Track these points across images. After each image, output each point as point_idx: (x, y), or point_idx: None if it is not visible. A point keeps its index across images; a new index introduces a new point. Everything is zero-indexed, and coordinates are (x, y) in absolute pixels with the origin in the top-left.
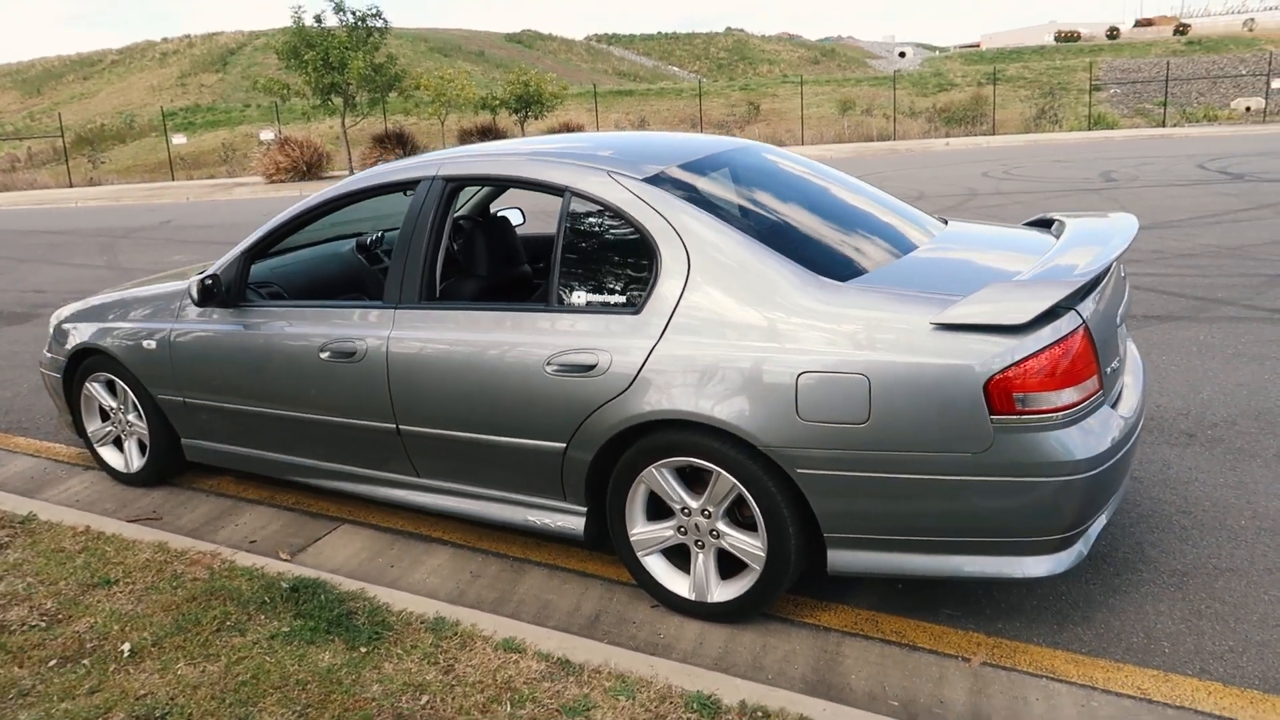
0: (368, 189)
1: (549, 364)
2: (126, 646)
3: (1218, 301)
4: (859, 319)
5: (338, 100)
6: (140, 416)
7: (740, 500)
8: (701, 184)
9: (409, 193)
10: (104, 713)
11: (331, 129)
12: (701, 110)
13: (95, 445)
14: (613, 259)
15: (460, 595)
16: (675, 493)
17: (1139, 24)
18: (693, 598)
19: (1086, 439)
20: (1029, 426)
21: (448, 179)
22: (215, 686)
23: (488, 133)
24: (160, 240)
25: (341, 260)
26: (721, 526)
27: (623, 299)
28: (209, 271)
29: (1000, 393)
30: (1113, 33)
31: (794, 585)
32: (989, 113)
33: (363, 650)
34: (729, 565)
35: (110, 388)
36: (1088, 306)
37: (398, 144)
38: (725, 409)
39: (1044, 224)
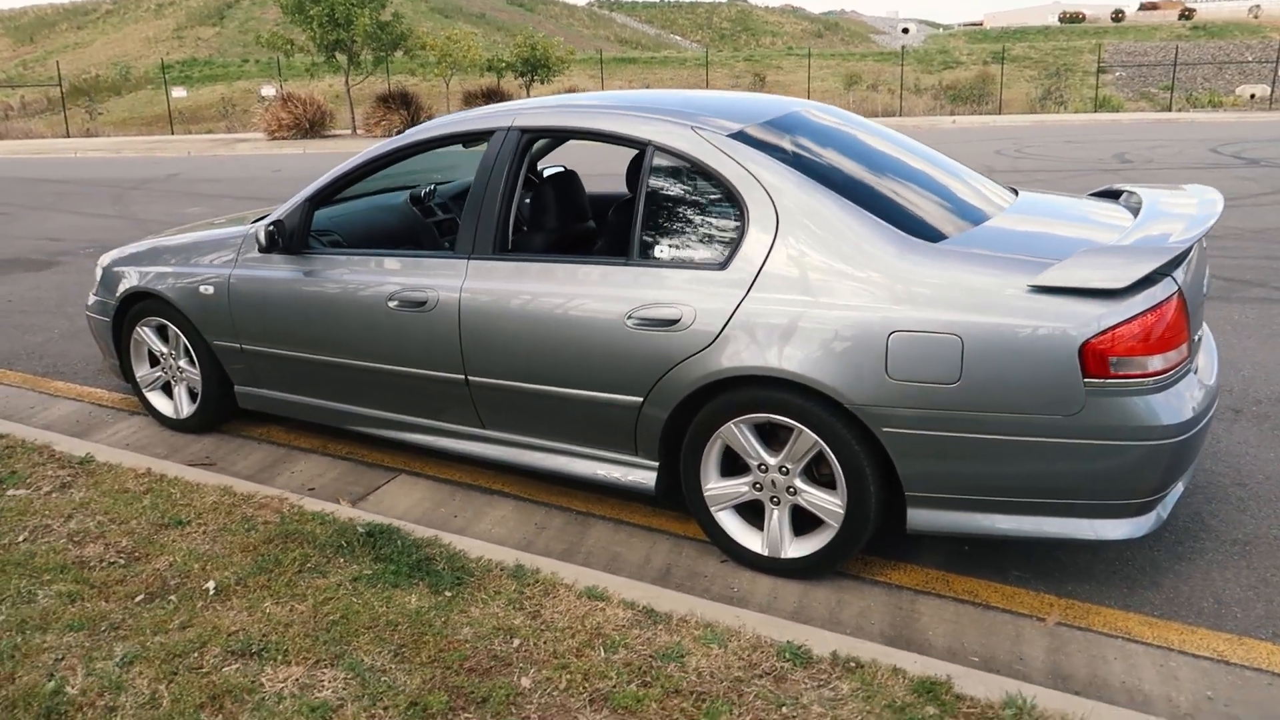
0: (437, 138)
1: (630, 317)
2: (211, 584)
3: (1246, 283)
4: (952, 280)
5: (342, 57)
6: (193, 363)
7: (819, 458)
8: (783, 142)
9: (467, 145)
10: (198, 647)
11: (331, 87)
12: (708, 80)
13: (144, 390)
14: (696, 214)
15: (528, 546)
16: (753, 449)
17: (1143, 7)
18: (766, 553)
19: (1174, 405)
20: (1121, 390)
21: (524, 130)
22: (306, 624)
23: (492, 95)
24: (171, 192)
25: (396, 212)
26: (799, 483)
27: (707, 254)
28: (272, 217)
29: (1095, 356)
30: (1118, 15)
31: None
32: (995, 92)
33: (447, 594)
34: (801, 522)
35: (161, 333)
36: (1181, 275)
37: (401, 104)
38: (812, 366)
39: (1111, 195)
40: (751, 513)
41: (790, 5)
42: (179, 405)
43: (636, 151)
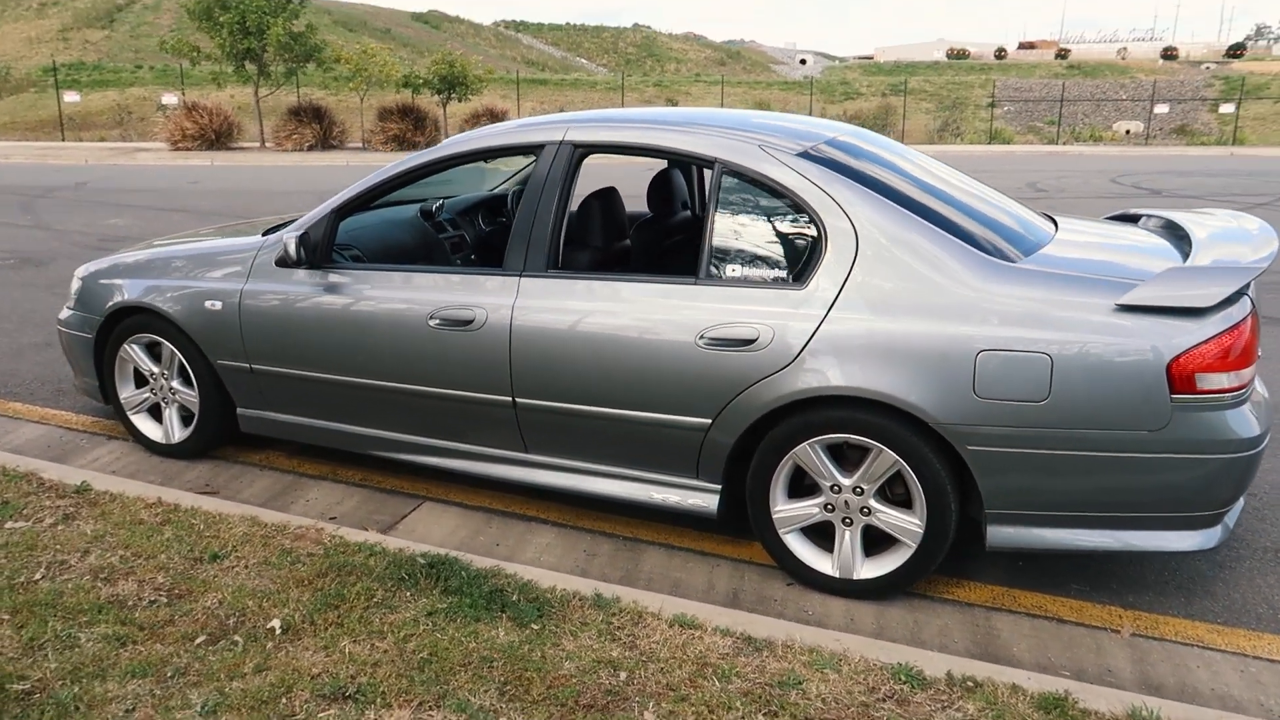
0: (480, 151)
1: (702, 337)
2: (275, 623)
3: None
4: (1039, 299)
5: (251, 67)
6: (189, 383)
7: (894, 477)
8: (850, 162)
9: (489, 161)
10: (284, 692)
11: (234, 97)
12: (624, 104)
13: (129, 413)
14: (769, 232)
15: (584, 574)
16: (827, 470)
17: (1022, 46)
18: (837, 575)
19: (1249, 419)
20: (1204, 406)
21: (576, 144)
22: (395, 663)
23: (408, 113)
24: (85, 202)
25: (408, 226)
26: (873, 503)
27: (783, 273)
28: (296, 229)
29: (1181, 372)
30: (1000, 53)
31: None
32: (896, 123)
33: (534, 627)
34: (868, 543)
35: (152, 351)
36: (1252, 295)
37: (314, 118)
38: (899, 385)
39: (1129, 219)
40: (816, 534)
41: (692, 34)
42: (169, 429)
43: (661, 169)
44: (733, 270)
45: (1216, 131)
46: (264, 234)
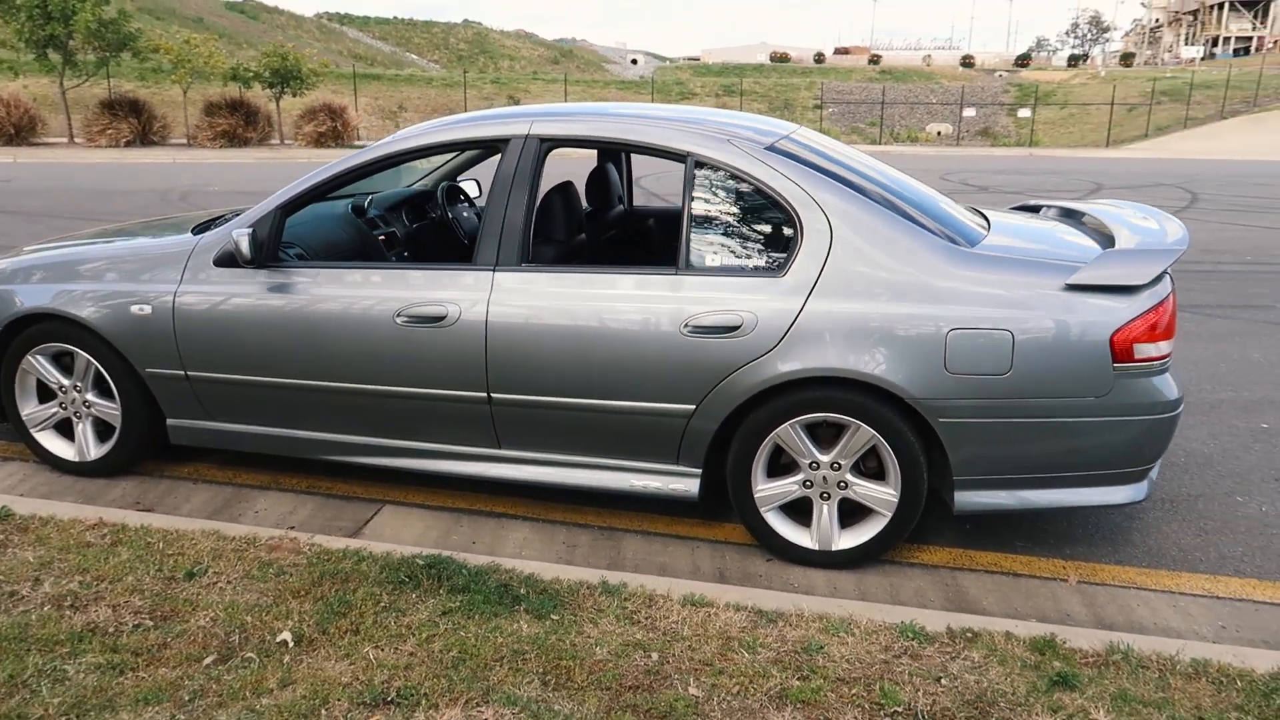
0: (438, 144)
1: (685, 326)
2: (285, 636)
3: None
4: (999, 281)
5: (56, 56)
6: (108, 394)
7: (867, 452)
8: (811, 157)
9: (471, 152)
10: (320, 704)
11: (28, 88)
12: (466, 101)
13: (33, 431)
14: (744, 223)
15: (570, 564)
16: (806, 448)
17: (838, 51)
18: (817, 547)
19: (1171, 384)
20: (1139, 373)
21: (543, 138)
22: (427, 665)
23: (238, 107)
24: None
25: (342, 222)
26: (850, 478)
27: (762, 262)
28: (244, 226)
29: (1121, 343)
30: (819, 57)
31: None
32: None
33: (553, 618)
34: (842, 515)
35: (59, 362)
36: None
37: (131, 112)
38: (877, 365)
39: (1030, 209)
40: (792, 511)
41: (524, 31)
42: (83, 445)
43: (595, 165)
44: (712, 260)
45: (1014, 134)
46: (194, 231)
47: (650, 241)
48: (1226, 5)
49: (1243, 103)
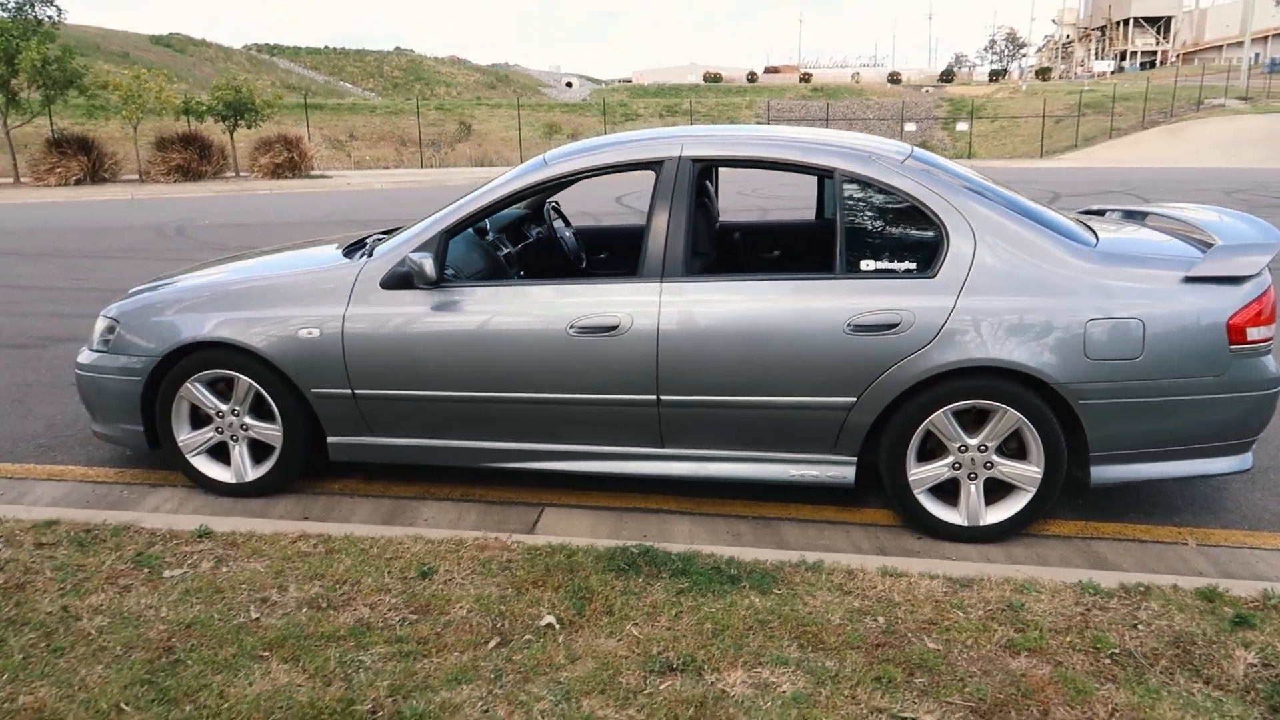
0: (594, 168)
1: (848, 325)
2: (549, 620)
3: None
4: (1128, 275)
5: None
6: (266, 417)
7: (1011, 434)
8: (935, 170)
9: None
10: (614, 673)
11: None
12: (420, 128)
13: (189, 456)
14: (893, 230)
15: (751, 548)
16: (956, 433)
17: (768, 70)
18: (966, 523)
19: (1275, 363)
20: (1250, 353)
21: (695, 159)
22: (692, 637)
23: (191, 141)
24: None
25: (467, 243)
26: (995, 458)
27: (912, 265)
28: (412, 249)
29: (1236, 327)
30: (751, 76)
31: None
32: None
33: (776, 593)
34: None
35: (214, 388)
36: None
37: (80, 149)
38: (1025, 354)
39: (1097, 213)
40: (939, 492)
41: (456, 57)
42: (240, 468)
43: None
44: (867, 265)
45: (951, 147)
46: (349, 253)
47: (744, 251)
48: (1132, 22)
49: (1160, 113)
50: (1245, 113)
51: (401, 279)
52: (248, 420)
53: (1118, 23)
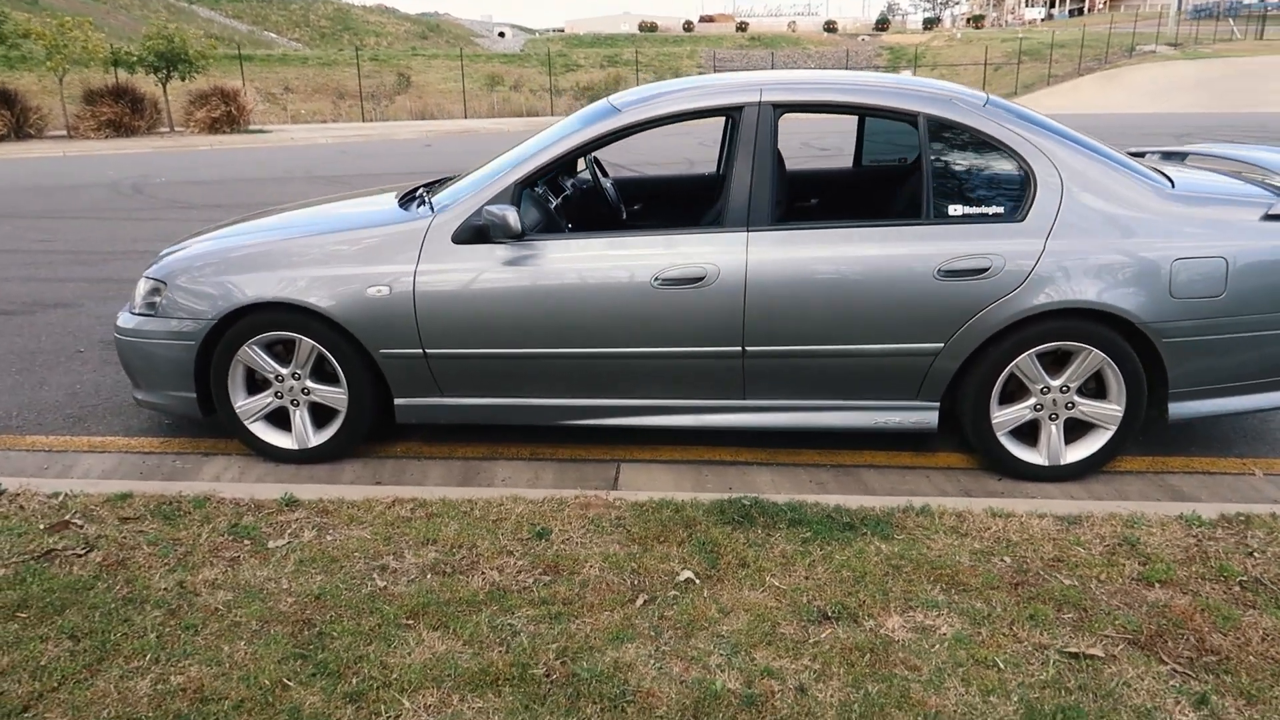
0: (668, 115)
1: (939, 270)
2: (688, 574)
3: None
4: (1209, 216)
5: None
6: (328, 380)
7: (1094, 374)
8: (1016, 114)
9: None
10: (772, 623)
11: None
12: (360, 81)
13: (247, 423)
14: (980, 174)
15: (842, 495)
16: (1040, 375)
17: (703, 19)
18: (1047, 463)
19: None
20: None
21: (776, 104)
22: (838, 585)
23: (122, 94)
24: None
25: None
26: (1077, 398)
27: (1000, 209)
28: (486, 201)
29: None
30: (688, 26)
31: None
32: None
33: (898, 538)
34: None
35: (272, 350)
36: None
37: (3, 104)
38: (1113, 295)
39: (1177, 156)
40: (1017, 434)
41: (385, 6)
42: (303, 433)
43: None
44: (955, 209)
45: None
46: (401, 204)
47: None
48: None
49: (1095, 60)
50: (1176, 58)
51: (476, 232)
52: (309, 384)
53: None
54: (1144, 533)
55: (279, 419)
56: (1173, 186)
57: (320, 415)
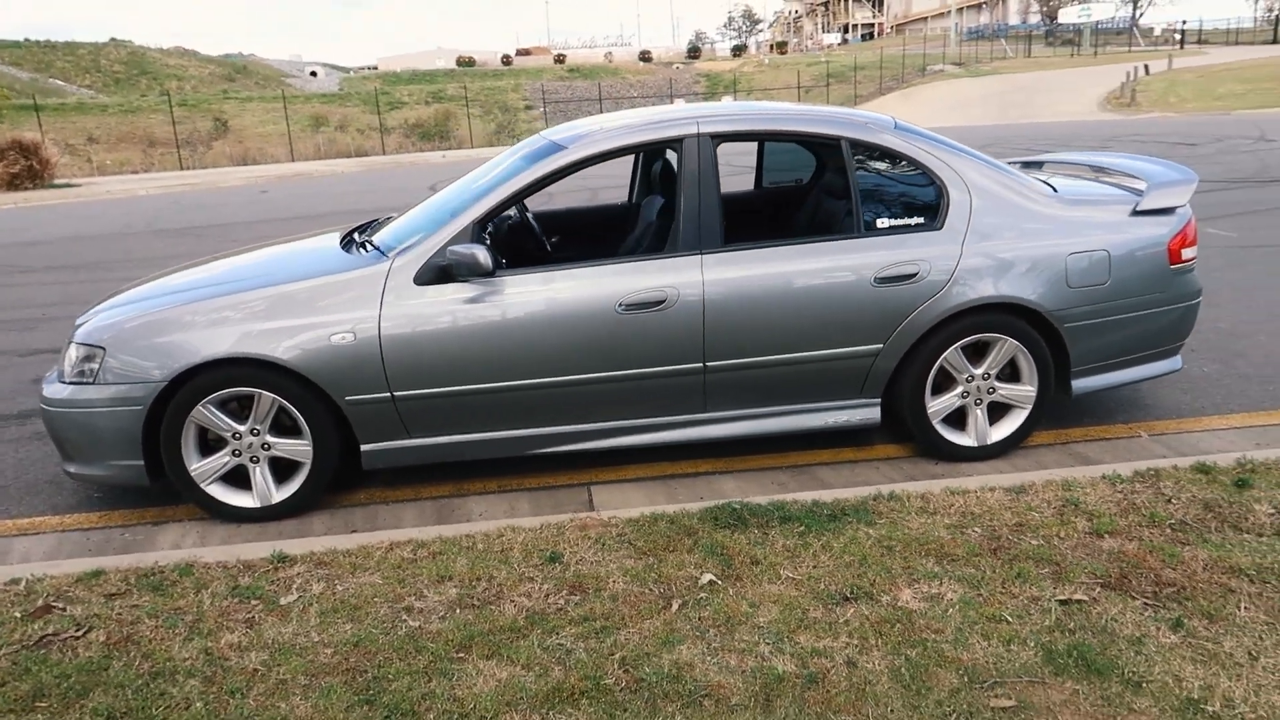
0: (616, 150)
1: (875, 278)
2: (709, 577)
3: None
4: (1093, 215)
5: None
6: (292, 432)
7: (1008, 361)
8: (922, 134)
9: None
10: (801, 610)
11: None
12: (175, 129)
13: (204, 486)
14: (899, 189)
15: (812, 492)
16: (965, 366)
17: (520, 53)
18: (976, 444)
19: (1198, 278)
20: (1183, 271)
21: (714, 135)
22: (845, 570)
23: None
24: None
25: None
26: (997, 384)
27: (921, 219)
28: (457, 243)
29: (1174, 250)
30: (506, 59)
31: None
32: (457, 128)
33: (881, 523)
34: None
35: (224, 407)
36: None
37: None
38: (1024, 289)
39: (1035, 165)
40: (945, 421)
41: (182, 47)
42: (265, 490)
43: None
44: (881, 223)
45: None
46: (357, 245)
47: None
48: None
49: (893, 80)
50: (961, 76)
51: (440, 272)
52: (269, 439)
53: None
54: (1080, 494)
55: (236, 478)
56: (1056, 192)
57: (280, 470)
